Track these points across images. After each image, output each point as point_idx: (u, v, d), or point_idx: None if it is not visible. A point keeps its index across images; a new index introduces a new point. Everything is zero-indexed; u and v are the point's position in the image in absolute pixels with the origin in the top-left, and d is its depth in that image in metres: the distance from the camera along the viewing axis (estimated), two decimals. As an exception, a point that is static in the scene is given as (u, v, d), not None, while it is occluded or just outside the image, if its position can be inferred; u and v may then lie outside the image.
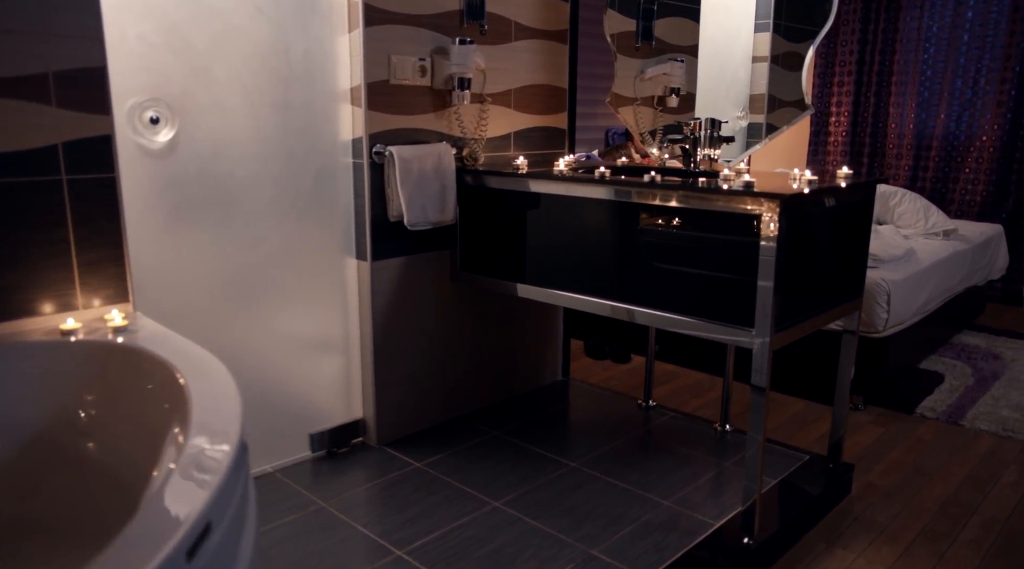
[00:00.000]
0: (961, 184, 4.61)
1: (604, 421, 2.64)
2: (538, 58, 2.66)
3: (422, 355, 2.49)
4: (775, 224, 1.70)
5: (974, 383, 3.22)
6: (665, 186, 1.89)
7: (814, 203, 1.83)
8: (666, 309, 1.96)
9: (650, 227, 1.97)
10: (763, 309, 1.75)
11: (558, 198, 2.16)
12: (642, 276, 2.00)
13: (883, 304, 2.81)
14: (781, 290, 1.77)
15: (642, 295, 2.01)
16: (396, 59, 2.21)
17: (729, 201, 1.78)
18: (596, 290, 2.11)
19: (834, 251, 2.01)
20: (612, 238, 2.06)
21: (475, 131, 2.49)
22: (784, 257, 1.75)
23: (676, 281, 1.93)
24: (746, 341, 1.80)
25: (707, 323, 1.87)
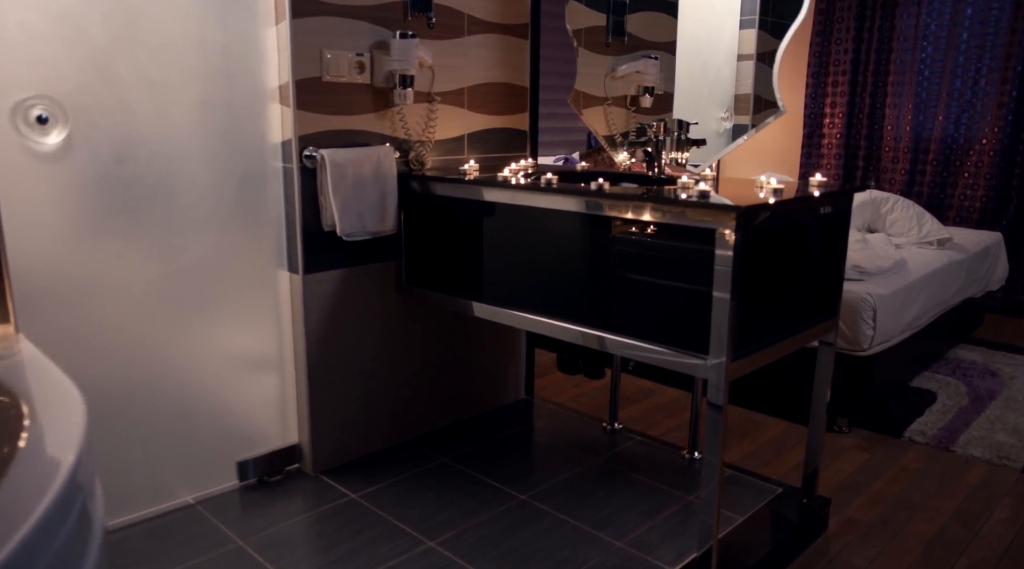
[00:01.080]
0: (960, 189, 4.40)
1: (564, 446, 2.45)
2: (495, 54, 2.47)
3: (364, 374, 2.30)
4: (731, 240, 1.50)
5: (968, 403, 3.01)
6: (605, 194, 1.69)
7: (779, 215, 1.63)
8: (617, 331, 1.76)
9: (597, 241, 1.78)
10: (718, 334, 1.55)
11: (504, 207, 1.97)
12: (589, 294, 1.81)
13: (868, 320, 2.61)
14: (739, 313, 1.58)
15: (590, 315, 1.82)
16: (329, 54, 2.03)
17: (682, 212, 1.59)
18: (545, 309, 1.92)
19: (805, 267, 1.82)
20: (559, 252, 1.86)
21: (423, 133, 2.30)
22: (742, 276, 1.56)
23: (625, 301, 1.74)
24: (700, 369, 1.60)
25: (658, 348, 1.68)
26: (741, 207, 1.48)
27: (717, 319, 1.55)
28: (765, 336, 1.71)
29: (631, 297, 1.73)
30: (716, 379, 1.58)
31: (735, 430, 2.79)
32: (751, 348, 1.65)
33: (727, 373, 1.57)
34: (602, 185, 1.72)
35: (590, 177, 2.24)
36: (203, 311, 2.01)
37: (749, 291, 1.61)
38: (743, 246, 1.53)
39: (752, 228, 1.55)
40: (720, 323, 1.55)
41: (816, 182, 1.85)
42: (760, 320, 1.68)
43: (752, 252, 1.58)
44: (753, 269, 1.60)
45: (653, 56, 2.95)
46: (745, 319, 1.61)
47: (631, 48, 2.92)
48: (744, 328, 1.62)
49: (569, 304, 1.86)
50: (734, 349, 1.59)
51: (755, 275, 1.62)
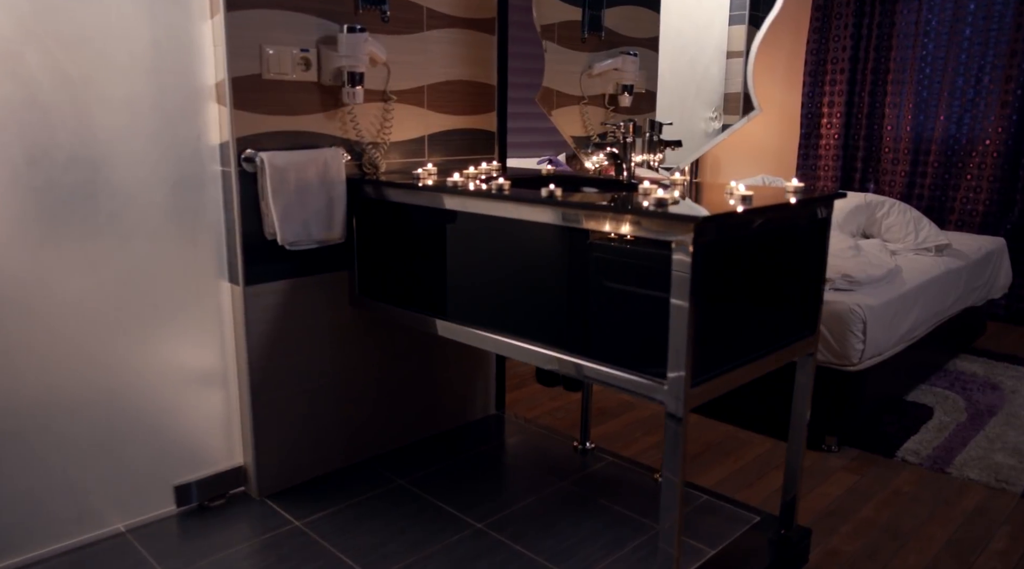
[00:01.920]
0: (962, 192, 4.23)
1: (529, 468, 2.30)
2: (458, 50, 2.32)
3: (315, 392, 2.16)
4: (688, 254, 1.35)
5: (967, 419, 2.85)
6: (552, 202, 1.54)
7: (745, 224, 1.48)
8: (571, 350, 1.61)
9: (547, 252, 1.63)
10: (676, 357, 1.40)
11: (455, 214, 1.82)
12: (541, 310, 1.66)
13: (858, 333, 2.45)
14: (700, 332, 1.42)
15: (542, 332, 1.67)
16: (271, 50, 1.88)
17: (636, 223, 1.43)
18: (497, 325, 1.77)
19: (778, 281, 1.66)
20: (510, 264, 1.71)
21: (378, 134, 2.16)
22: (702, 292, 1.41)
23: (578, 317, 1.59)
24: (659, 394, 1.45)
25: (614, 371, 1.53)
26: (699, 218, 1.33)
27: (675, 340, 1.40)
28: (732, 357, 1.55)
29: (584, 313, 1.58)
30: (675, 406, 1.42)
31: (717, 448, 2.63)
32: (715, 370, 1.50)
33: (686, 399, 1.41)
34: (553, 192, 1.57)
35: (552, 182, 2.09)
36: (135, 324, 1.87)
37: (711, 308, 1.45)
38: (703, 259, 1.38)
39: (713, 240, 1.40)
40: (678, 345, 1.39)
41: (793, 188, 1.70)
42: (726, 339, 1.53)
43: (714, 266, 1.43)
44: (716, 284, 1.45)
45: (632, 52, 2.80)
46: (707, 339, 1.46)
47: (609, 44, 2.77)
48: (706, 349, 1.46)
49: (521, 320, 1.71)
50: (695, 372, 1.44)
51: (718, 290, 1.47)
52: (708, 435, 2.74)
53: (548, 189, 1.57)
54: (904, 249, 3.17)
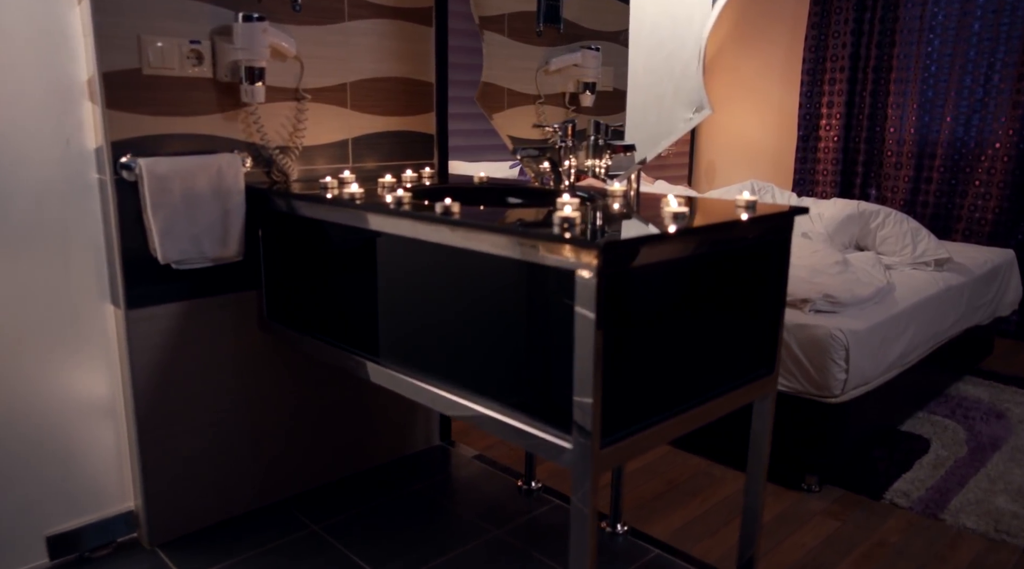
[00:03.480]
0: (969, 200, 3.93)
1: (464, 511, 2.05)
2: (388, 43, 2.07)
3: (219, 425, 1.92)
4: (592, 286, 1.09)
5: (967, 454, 2.56)
6: (444, 220, 1.29)
7: (673, 249, 1.22)
8: (478, 394, 1.36)
9: (444, 277, 1.38)
10: (583, 411, 1.15)
11: (356, 230, 1.58)
12: (437, 345, 1.41)
13: (839, 362, 2.18)
14: (617, 381, 1.17)
15: (444, 372, 1.42)
16: (151, 41, 1.65)
17: (534, 247, 1.18)
18: (395, 358, 1.52)
19: (725, 312, 1.40)
20: (411, 290, 1.47)
21: (290, 138, 1.92)
22: (616, 333, 1.15)
23: (475, 358, 1.34)
24: (566, 457, 1.20)
25: (514, 418, 1.27)
26: (604, 243, 1.07)
27: (580, 388, 1.15)
28: (664, 406, 1.29)
29: (482, 354, 1.33)
30: (581, 473, 1.17)
31: (683, 487, 2.37)
32: (638, 425, 1.24)
33: (595, 464, 1.16)
34: (449, 207, 1.31)
35: (481, 192, 1.84)
36: (2, 352, 1.64)
37: (631, 349, 1.20)
38: (614, 291, 1.12)
39: (628, 268, 1.14)
40: (583, 396, 1.14)
41: (744, 202, 1.44)
42: (655, 385, 1.27)
43: (632, 298, 1.18)
44: (636, 319, 1.20)
45: (594, 47, 2.54)
46: (627, 386, 1.20)
47: (570, 38, 2.51)
48: (626, 398, 1.21)
49: (417, 354, 1.46)
50: (609, 428, 1.18)
51: (641, 327, 1.21)
52: (675, 471, 2.47)
53: (443, 204, 1.32)
54: (900, 263, 2.89)
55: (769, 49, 4.72)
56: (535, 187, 1.85)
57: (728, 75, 4.94)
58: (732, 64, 4.91)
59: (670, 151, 4.89)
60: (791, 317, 2.28)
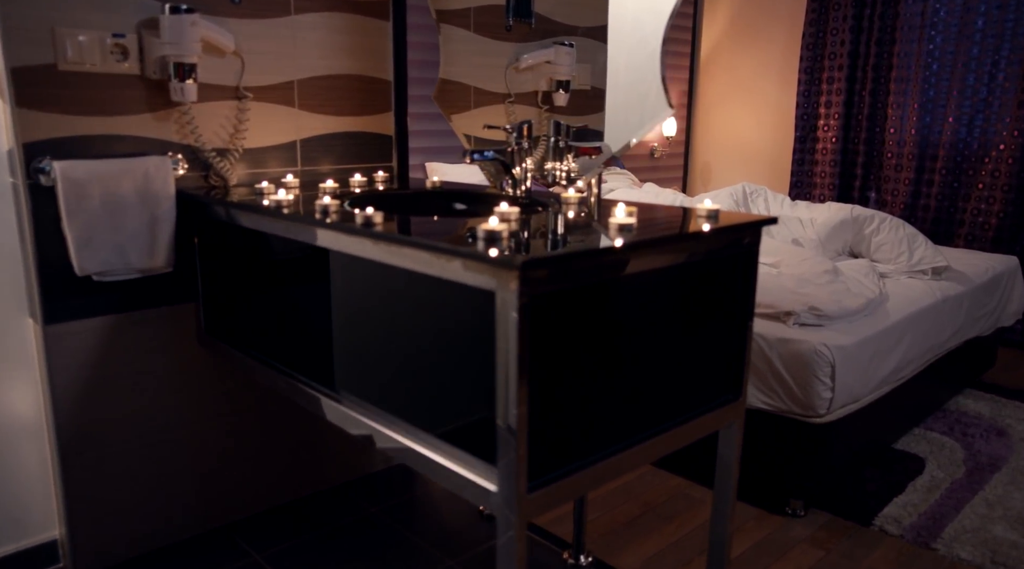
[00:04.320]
0: (972, 204, 3.76)
1: (421, 539, 1.91)
2: (340, 39, 1.94)
3: (154, 446, 1.80)
4: (514, 311, 0.96)
5: (964, 476, 2.41)
6: (361, 232, 1.15)
7: (611, 266, 1.08)
8: (406, 426, 1.23)
9: (367, 293, 1.24)
10: (507, 452, 1.01)
11: (288, 242, 1.44)
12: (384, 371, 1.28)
13: (825, 379, 2.03)
14: (549, 416, 1.04)
15: (381, 401, 1.28)
16: (69, 34, 1.52)
17: (454, 265, 1.04)
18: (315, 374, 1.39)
19: (682, 334, 1.26)
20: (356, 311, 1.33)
21: (230, 140, 1.79)
22: (546, 360, 1.02)
23: (416, 389, 1.21)
24: (490, 497, 1.06)
25: (440, 454, 1.14)
26: (518, 261, 0.93)
27: (503, 429, 1.01)
28: (606, 442, 1.16)
29: (410, 383, 1.19)
30: (504, 520, 1.03)
31: (660, 510, 2.23)
32: (576, 463, 1.11)
33: (521, 510, 1.02)
34: (370, 218, 1.18)
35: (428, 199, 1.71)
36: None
37: (564, 380, 1.06)
38: (540, 317, 0.99)
39: (559, 288, 1.01)
40: (506, 435, 1.00)
41: (705, 212, 1.30)
42: (594, 420, 1.13)
43: (563, 323, 1.04)
44: (568, 348, 1.06)
45: (567, 43, 2.40)
46: (561, 422, 1.07)
47: (543, 33, 2.37)
48: (560, 435, 1.07)
49: (347, 378, 1.33)
50: (538, 470, 1.04)
51: (574, 356, 1.07)
52: (651, 491, 2.33)
53: (365, 214, 1.18)
54: (896, 271, 2.74)
55: (766, 47, 4.56)
56: (490, 193, 1.71)
57: (724, 74, 4.79)
58: (728, 63, 4.75)
59: (663, 153, 4.74)
60: (774, 331, 2.13)
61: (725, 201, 3.20)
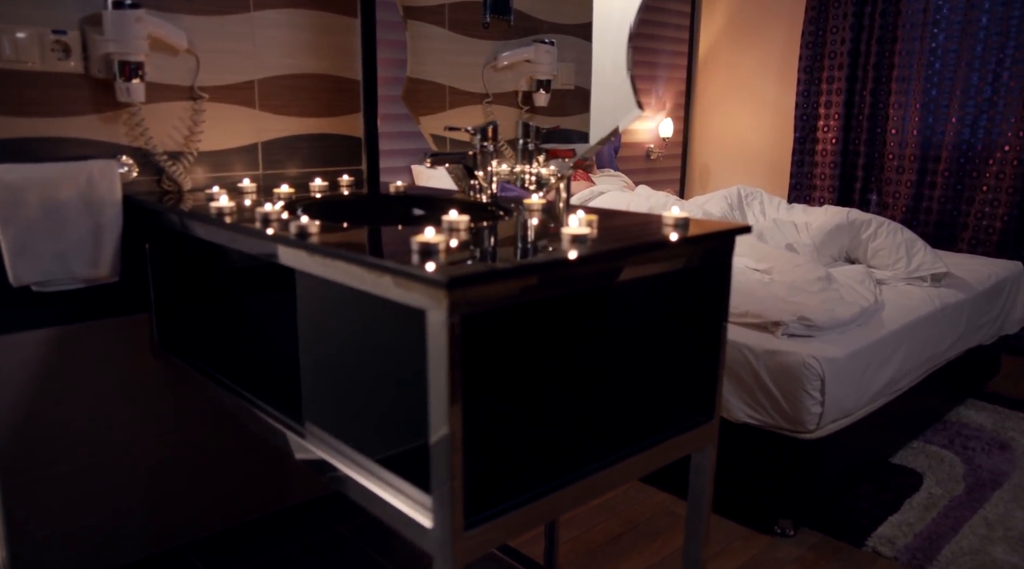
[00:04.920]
0: (976, 207, 3.65)
1: (387, 560, 1.82)
2: (304, 36, 1.86)
3: (104, 465, 1.71)
4: (445, 333, 0.87)
5: (963, 492, 2.30)
6: (294, 242, 1.06)
7: (562, 282, 0.99)
8: (345, 455, 1.14)
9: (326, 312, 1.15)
10: (440, 486, 0.92)
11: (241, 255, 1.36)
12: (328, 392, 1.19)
13: (814, 393, 1.93)
14: (490, 446, 0.94)
15: (322, 423, 1.20)
16: (6, 31, 1.44)
17: (385, 281, 0.95)
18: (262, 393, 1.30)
19: (647, 353, 1.17)
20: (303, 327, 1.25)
21: (186, 142, 1.70)
22: (486, 387, 0.93)
23: (355, 410, 1.12)
24: (425, 534, 0.97)
25: (377, 484, 1.05)
26: (442, 278, 0.84)
27: (436, 463, 0.92)
28: (559, 471, 1.06)
29: (349, 403, 1.11)
30: (439, 560, 0.94)
31: (643, 528, 2.13)
32: (523, 497, 1.01)
33: (457, 549, 0.93)
34: (305, 228, 1.09)
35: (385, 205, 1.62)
36: None
37: (508, 406, 0.97)
38: (475, 337, 0.90)
39: (492, 308, 0.91)
40: (439, 469, 0.91)
41: (673, 220, 1.20)
42: (544, 448, 1.04)
43: (506, 344, 0.95)
44: (513, 370, 0.97)
45: (547, 41, 2.31)
46: (505, 451, 0.98)
47: (523, 31, 2.28)
48: (504, 466, 0.98)
49: (284, 395, 1.24)
50: (477, 504, 0.95)
51: (520, 379, 0.98)
52: (635, 509, 2.23)
53: (299, 224, 1.09)
54: (894, 278, 2.63)
55: (765, 46, 4.46)
56: (453, 198, 1.62)
57: (723, 74, 4.69)
58: (727, 61, 4.65)
59: (660, 154, 4.64)
60: (761, 342, 2.03)
61: (719, 205, 3.10)
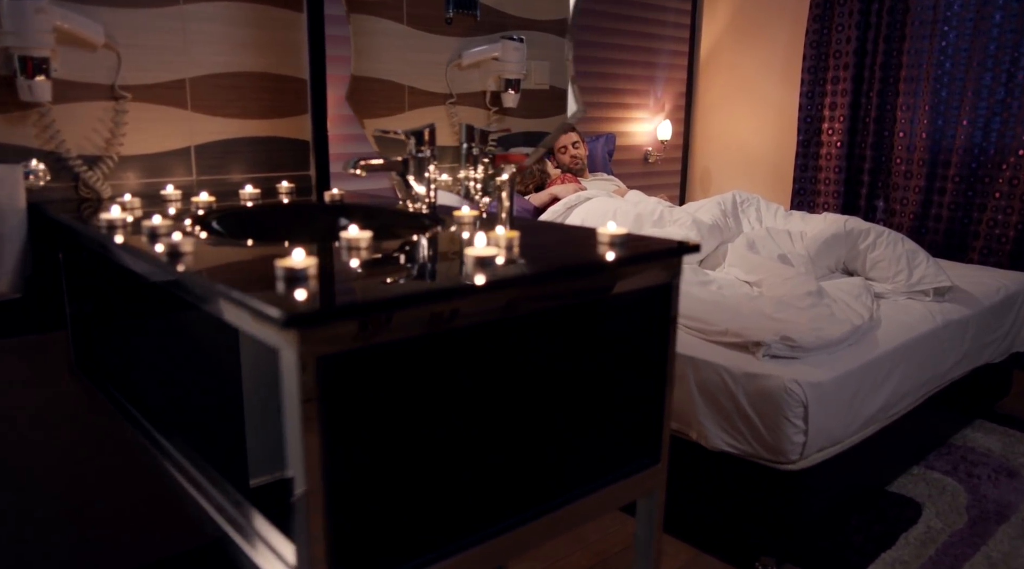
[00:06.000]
0: (988, 214, 3.45)
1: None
2: (242, 31, 1.72)
3: (15, 492, 1.58)
4: (296, 379, 0.72)
5: (966, 525, 2.13)
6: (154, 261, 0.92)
7: (453, 315, 0.84)
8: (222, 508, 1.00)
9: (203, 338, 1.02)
10: (302, 542, 0.77)
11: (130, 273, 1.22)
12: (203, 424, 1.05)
13: (796, 421, 1.77)
14: (369, 505, 0.80)
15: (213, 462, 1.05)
16: None
17: (243, 313, 0.81)
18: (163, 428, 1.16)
19: (575, 391, 1.02)
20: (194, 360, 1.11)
21: (107, 145, 1.57)
22: (361, 440, 0.78)
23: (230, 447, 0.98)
24: (295, 611, 0.82)
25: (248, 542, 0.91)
26: (281, 317, 0.69)
27: (299, 529, 0.77)
28: (459, 531, 0.91)
29: (226, 439, 0.96)
30: (300, 644, 0.79)
31: (615, 561, 1.98)
32: (414, 562, 0.86)
33: (323, 633, 0.78)
34: (177, 246, 0.95)
35: (312, 213, 1.48)
36: None
37: (389, 457, 0.82)
38: (341, 379, 0.75)
39: (366, 345, 0.77)
40: (301, 535, 0.77)
41: (608, 237, 1.05)
42: (442, 505, 0.89)
43: (384, 385, 0.80)
44: (396, 415, 0.82)
45: (516, 38, 2.16)
46: (389, 509, 0.83)
47: (492, 27, 2.13)
48: (387, 526, 0.83)
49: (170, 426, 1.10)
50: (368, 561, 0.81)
51: (405, 424, 0.83)
52: (608, 539, 2.08)
53: (170, 241, 0.95)
54: (894, 291, 2.46)
55: (769, 45, 4.28)
56: (387, 209, 1.47)
57: (724, 74, 4.51)
58: (729, 61, 4.48)
59: (658, 157, 4.47)
60: (740, 363, 1.87)
61: (711, 212, 2.93)
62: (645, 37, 4.24)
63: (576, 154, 3.68)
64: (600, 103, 4.10)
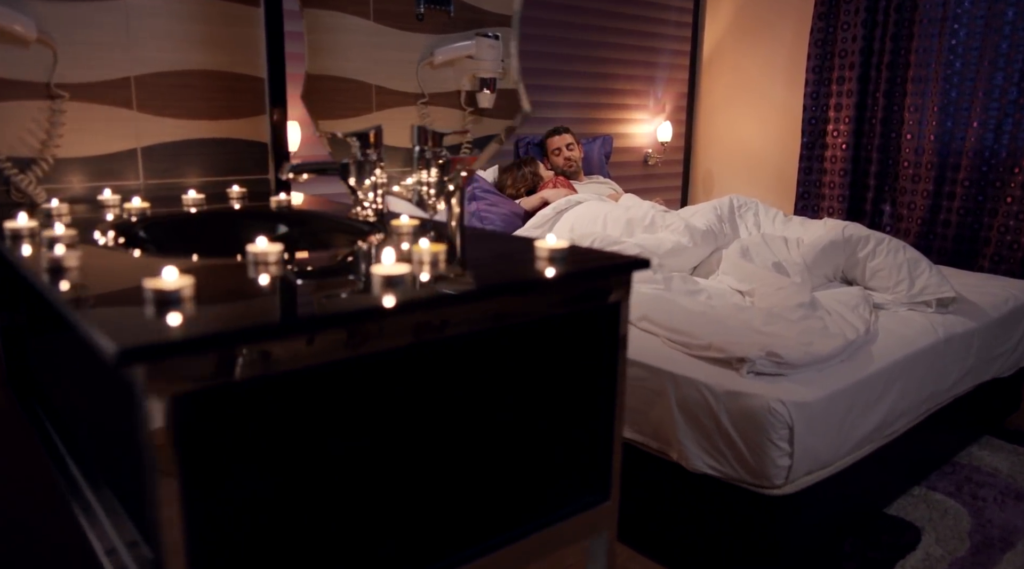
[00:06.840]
0: (1000, 220, 3.31)
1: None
2: (192, 27, 1.63)
3: (-52, 517, 1.50)
4: (145, 421, 0.62)
5: (968, 553, 2.00)
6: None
7: (347, 343, 0.74)
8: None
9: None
10: (169, 620, 0.67)
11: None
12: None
13: (781, 444, 1.65)
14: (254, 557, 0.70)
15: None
16: None
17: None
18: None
19: (505, 424, 0.91)
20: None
21: (41, 147, 1.49)
22: (232, 488, 0.68)
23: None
24: None
25: None
26: (112, 351, 0.59)
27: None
28: None
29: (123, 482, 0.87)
30: None
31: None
32: (307, 623, 0.76)
33: None
34: (59, 261, 0.85)
35: (249, 221, 1.38)
36: None
37: (272, 501, 0.72)
38: (207, 423, 0.65)
39: (233, 380, 0.66)
40: None
41: (547, 251, 0.94)
42: (342, 554, 0.79)
43: (264, 422, 0.70)
44: (288, 458, 0.72)
45: (491, 35, 2.05)
46: (283, 562, 0.73)
47: (467, 24, 2.03)
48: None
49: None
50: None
51: (304, 468, 0.73)
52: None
53: (52, 256, 0.86)
54: (894, 302, 2.33)
55: (773, 44, 4.15)
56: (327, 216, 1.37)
57: (727, 74, 4.39)
58: (732, 62, 4.35)
59: (658, 160, 4.35)
60: (723, 381, 1.75)
61: (706, 217, 2.81)
62: (645, 36, 4.13)
63: (570, 156, 3.56)
64: (598, 104, 3.99)
